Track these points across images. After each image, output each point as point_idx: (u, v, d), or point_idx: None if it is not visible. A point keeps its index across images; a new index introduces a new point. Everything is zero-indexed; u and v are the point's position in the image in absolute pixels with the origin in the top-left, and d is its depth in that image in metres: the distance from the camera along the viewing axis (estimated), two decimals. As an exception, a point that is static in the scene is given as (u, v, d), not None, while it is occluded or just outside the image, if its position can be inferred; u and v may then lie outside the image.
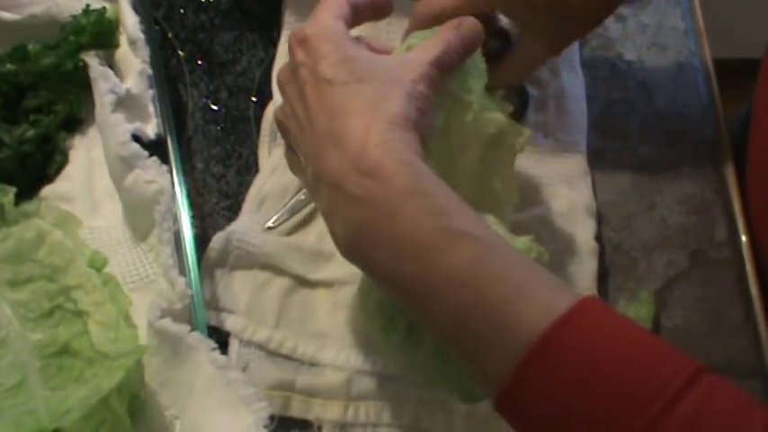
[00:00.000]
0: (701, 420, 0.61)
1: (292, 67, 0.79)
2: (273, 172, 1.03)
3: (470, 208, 0.72)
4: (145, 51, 1.02)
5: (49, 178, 1.03)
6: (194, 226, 0.97)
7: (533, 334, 0.64)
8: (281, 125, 0.83)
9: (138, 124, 0.98)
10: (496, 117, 0.89)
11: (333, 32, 0.77)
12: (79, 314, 0.90)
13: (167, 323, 0.86)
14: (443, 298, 0.68)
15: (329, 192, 0.72)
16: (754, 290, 1.02)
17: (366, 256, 0.72)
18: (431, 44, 0.80)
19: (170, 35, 1.12)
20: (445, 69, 0.79)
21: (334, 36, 0.77)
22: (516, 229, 1.00)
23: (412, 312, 0.73)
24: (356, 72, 0.75)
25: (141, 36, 1.02)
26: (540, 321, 0.64)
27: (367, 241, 0.71)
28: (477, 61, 0.86)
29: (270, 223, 0.99)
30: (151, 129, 1.00)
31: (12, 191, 0.96)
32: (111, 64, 1.04)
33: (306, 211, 1.01)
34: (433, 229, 0.68)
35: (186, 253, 0.94)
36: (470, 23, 0.82)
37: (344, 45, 0.77)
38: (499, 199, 0.91)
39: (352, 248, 0.73)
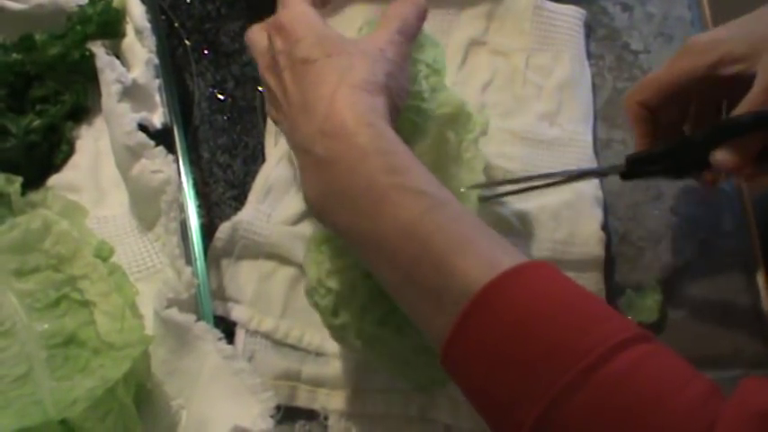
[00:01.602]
0: (633, 379, 0.62)
1: (272, 55, 0.82)
2: (279, 162, 1.03)
3: (424, 168, 0.74)
4: (151, 41, 1.02)
5: (55, 168, 1.03)
6: (200, 215, 0.97)
7: (476, 284, 0.66)
8: (271, 115, 0.87)
9: (144, 114, 0.98)
10: (453, 97, 0.91)
11: (305, 16, 0.81)
12: (85, 304, 0.91)
13: (174, 313, 0.87)
14: (393, 251, 0.70)
15: (302, 158, 0.76)
16: (761, 280, 1.02)
17: (331, 215, 0.75)
18: (389, 19, 0.83)
19: (176, 25, 1.12)
20: (408, 36, 0.83)
21: (307, 19, 0.81)
22: (524, 219, 1.01)
23: (369, 268, 0.75)
24: (327, 48, 0.78)
25: (148, 26, 1.02)
26: (483, 273, 0.66)
27: (332, 200, 0.74)
28: (428, 37, 0.91)
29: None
30: (157, 118, 1.00)
31: (18, 180, 0.96)
32: (117, 54, 1.04)
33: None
34: (388, 184, 0.71)
35: (192, 242, 0.94)
36: None
37: (317, 26, 0.80)
38: (458, 182, 0.91)
39: (320, 209, 0.76)
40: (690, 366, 0.64)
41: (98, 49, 1.01)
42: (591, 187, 1.03)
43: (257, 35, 0.86)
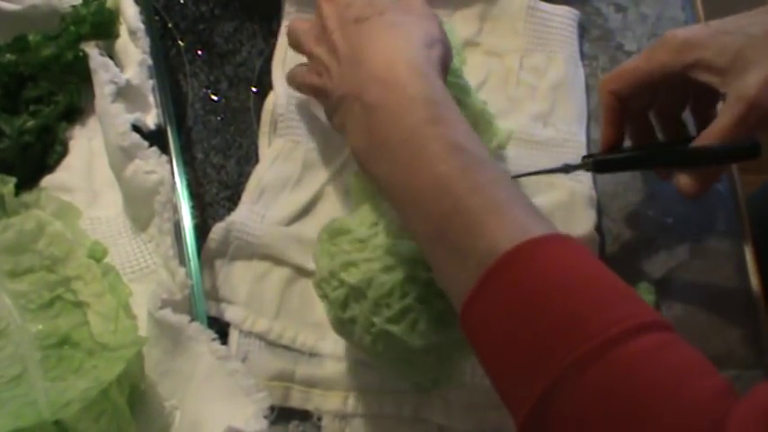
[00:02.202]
0: (652, 362, 0.61)
1: (319, 25, 0.85)
2: (273, 162, 1.03)
3: (469, 127, 0.75)
4: (145, 42, 1.02)
5: (49, 169, 1.03)
6: (194, 216, 0.97)
7: (504, 247, 0.66)
8: (316, 95, 0.89)
9: (138, 114, 0.98)
10: (474, 102, 0.92)
11: None
12: (79, 305, 0.90)
13: (167, 314, 0.86)
14: (427, 204, 0.71)
15: (351, 106, 0.78)
16: (754, 280, 1.02)
17: (374, 164, 0.76)
18: None
19: (170, 25, 1.12)
20: None
21: None
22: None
23: (404, 222, 0.77)
24: (378, 7, 0.81)
25: (141, 26, 1.02)
26: (512, 237, 0.66)
27: (375, 148, 0.75)
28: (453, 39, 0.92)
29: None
30: (151, 119, 1.00)
31: (12, 181, 0.96)
32: (111, 54, 1.04)
33: (304, 201, 1.01)
34: (430, 135, 0.72)
35: (186, 243, 0.94)
36: None
37: None
38: None
39: (364, 157, 0.77)
40: (709, 362, 0.63)
41: (92, 50, 1.01)
42: (584, 188, 1.03)
43: (297, 23, 0.91)
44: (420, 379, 0.90)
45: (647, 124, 0.98)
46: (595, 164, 0.95)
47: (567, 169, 0.96)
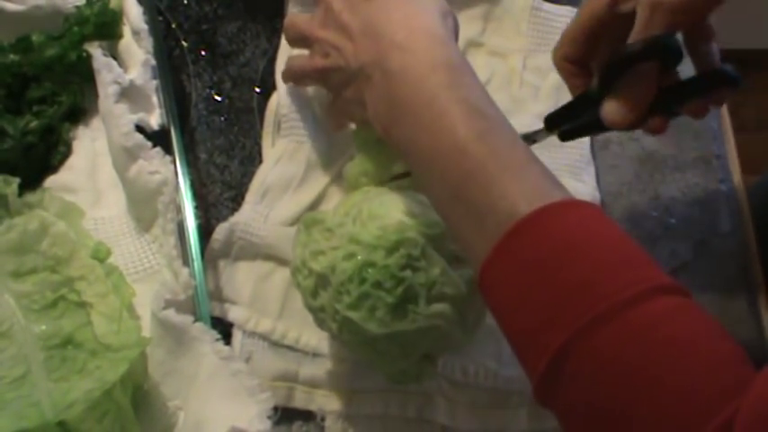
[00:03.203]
0: (668, 323, 0.62)
1: (323, 9, 0.87)
2: (277, 163, 1.03)
3: (487, 91, 0.76)
4: (148, 42, 1.02)
5: (52, 169, 1.03)
6: (198, 216, 0.97)
7: (523, 210, 0.67)
8: (323, 76, 0.89)
9: (141, 115, 0.98)
10: None
11: None
12: (82, 305, 0.90)
13: (171, 314, 0.87)
14: (447, 165, 0.72)
15: (370, 73, 0.79)
16: (757, 280, 1.02)
17: (395, 129, 0.77)
18: None
19: (173, 26, 1.12)
20: None
21: None
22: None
23: (422, 185, 0.77)
24: None
25: (145, 27, 1.02)
26: (532, 200, 0.67)
27: (397, 112, 0.76)
28: None
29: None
30: (155, 119, 1.00)
31: (15, 181, 0.96)
32: (114, 55, 1.04)
33: (308, 201, 1.01)
34: (453, 98, 0.73)
35: (190, 243, 0.94)
36: None
37: None
38: None
39: (385, 122, 0.78)
40: (722, 327, 0.64)
41: (95, 51, 1.01)
42: (588, 188, 1.03)
43: (294, 17, 0.92)
44: (389, 369, 0.89)
45: None
46: (547, 120, 0.90)
47: (531, 139, 0.92)
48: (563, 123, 0.89)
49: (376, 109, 0.79)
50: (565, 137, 0.91)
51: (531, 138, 0.92)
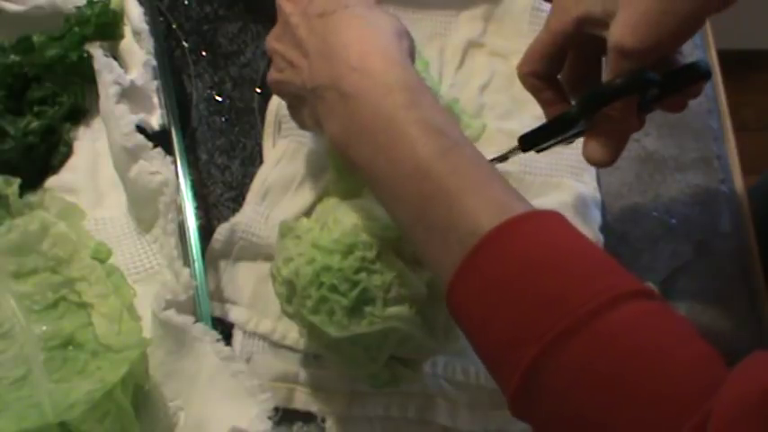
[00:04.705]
0: (634, 330, 0.62)
1: (281, 23, 0.85)
2: (277, 163, 1.03)
3: (445, 111, 0.76)
4: (149, 42, 1.02)
5: (53, 169, 1.03)
6: (198, 217, 0.97)
7: (486, 226, 0.67)
8: (277, 88, 0.89)
9: (142, 115, 0.98)
10: (444, 97, 0.93)
11: None
12: (83, 306, 0.91)
13: (172, 314, 0.87)
14: (409, 187, 0.71)
15: (326, 95, 0.78)
16: (758, 281, 1.02)
17: (352, 151, 0.76)
18: None
19: (174, 26, 1.12)
20: None
21: None
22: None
23: (384, 206, 0.77)
24: (342, 1, 0.81)
25: (146, 27, 1.02)
26: (494, 216, 0.67)
27: (354, 134, 0.76)
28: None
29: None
30: (155, 120, 1.00)
31: (16, 182, 0.96)
32: (115, 55, 1.04)
33: (309, 202, 1.01)
34: (411, 119, 0.72)
35: (190, 244, 0.94)
36: None
37: None
38: None
39: (342, 146, 0.77)
40: (693, 328, 0.64)
41: (96, 51, 1.01)
42: (589, 189, 1.03)
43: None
44: (358, 373, 0.89)
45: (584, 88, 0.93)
46: (522, 140, 0.88)
47: (504, 158, 0.92)
48: (538, 144, 0.88)
49: (333, 130, 0.78)
50: (539, 151, 0.90)
51: (504, 157, 0.91)
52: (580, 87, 0.89)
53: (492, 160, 0.92)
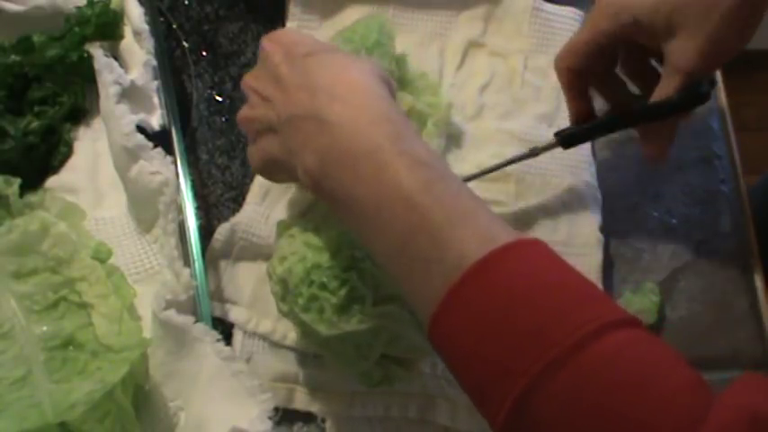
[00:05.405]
0: (618, 361, 0.62)
1: (261, 63, 0.84)
2: (278, 163, 1.03)
3: (426, 143, 0.76)
4: (149, 42, 1.02)
5: (53, 169, 1.03)
6: (199, 217, 0.97)
7: (470, 258, 0.66)
8: (246, 124, 0.86)
9: (142, 115, 0.98)
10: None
11: (298, 31, 0.87)
12: (84, 306, 0.91)
13: (172, 314, 0.87)
14: (392, 219, 0.70)
15: (303, 125, 0.77)
16: (758, 281, 1.02)
17: (329, 181, 0.75)
18: None
19: (175, 26, 1.12)
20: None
21: (300, 33, 0.86)
22: (522, 219, 1.01)
23: (361, 238, 0.75)
24: (326, 47, 0.82)
25: (146, 27, 1.02)
26: (478, 248, 0.67)
27: (332, 165, 0.74)
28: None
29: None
30: (156, 120, 1.00)
31: (16, 182, 0.96)
32: (115, 55, 1.04)
33: (309, 201, 1.01)
34: (393, 150, 0.72)
35: (191, 244, 0.94)
36: None
37: (311, 37, 0.85)
38: None
39: (318, 176, 0.75)
40: (678, 355, 0.64)
41: (96, 51, 1.01)
42: (589, 189, 1.03)
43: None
44: (350, 371, 0.89)
45: (615, 84, 0.99)
46: (563, 138, 0.95)
47: (536, 153, 0.96)
48: (581, 142, 0.96)
49: (307, 161, 0.76)
50: (569, 143, 0.95)
51: (536, 151, 0.97)
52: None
53: (524, 156, 0.96)
